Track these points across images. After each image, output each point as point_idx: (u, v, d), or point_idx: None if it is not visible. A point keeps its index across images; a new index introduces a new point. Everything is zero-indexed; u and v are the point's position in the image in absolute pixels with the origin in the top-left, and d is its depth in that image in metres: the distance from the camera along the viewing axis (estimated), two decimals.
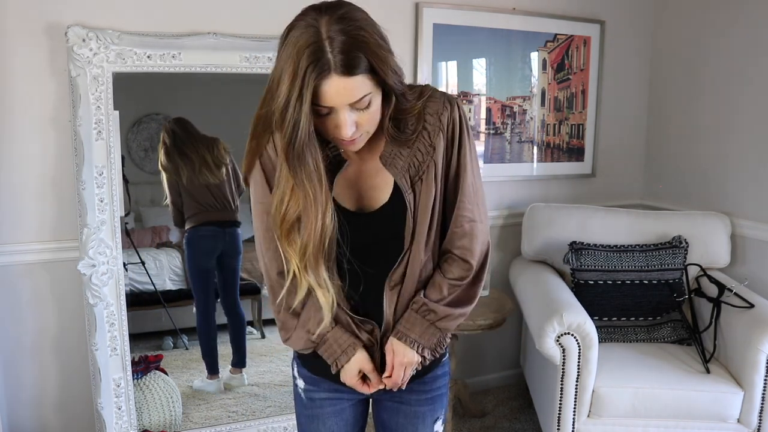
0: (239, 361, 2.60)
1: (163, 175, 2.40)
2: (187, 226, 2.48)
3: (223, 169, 2.47)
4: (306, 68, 0.92)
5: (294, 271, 1.08)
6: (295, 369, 1.29)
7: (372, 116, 1.02)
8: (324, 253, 1.06)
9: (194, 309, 2.54)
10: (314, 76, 0.93)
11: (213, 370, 2.54)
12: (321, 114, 0.99)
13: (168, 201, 2.43)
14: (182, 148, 2.39)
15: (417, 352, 1.16)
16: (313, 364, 1.22)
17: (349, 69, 0.94)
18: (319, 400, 1.25)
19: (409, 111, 1.09)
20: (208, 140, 2.43)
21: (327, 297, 1.09)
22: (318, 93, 0.95)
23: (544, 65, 2.75)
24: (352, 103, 0.97)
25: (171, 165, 2.39)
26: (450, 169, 1.14)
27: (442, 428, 1.29)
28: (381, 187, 1.13)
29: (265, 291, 2.62)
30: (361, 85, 0.96)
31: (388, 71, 0.99)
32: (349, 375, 1.18)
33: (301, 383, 1.27)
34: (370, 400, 1.31)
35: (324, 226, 1.04)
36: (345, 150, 1.10)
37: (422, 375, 1.23)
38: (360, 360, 1.17)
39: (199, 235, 2.49)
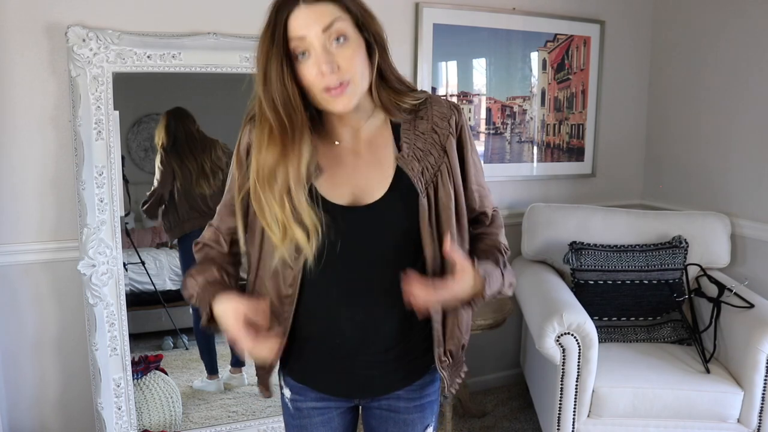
0: (238, 361, 2.59)
1: (157, 169, 2.36)
2: (179, 233, 2.44)
3: (220, 175, 2.44)
4: (276, 11, 0.98)
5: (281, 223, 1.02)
6: (281, 378, 1.25)
7: (351, 57, 0.99)
8: (304, 187, 1.02)
9: (191, 309, 2.54)
10: (284, 13, 0.97)
11: (212, 369, 2.54)
12: (298, 59, 0.99)
13: (154, 186, 2.35)
14: (180, 154, 2.36)
15: (479, 289, 1.03)
16: (299, 372, 1.19)
17: None
18: (306, 409, 1.21)
19: (404, 94, 1.09)
20: (207, 143, 2.41)
21: (305, 238, 1.02)
22: (288, 28, 0.98)
23: (544, 65, 2.75)
24: (323, 29, 0.97)
25: (167, 167, 2.37)
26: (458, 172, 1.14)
27: None
28: (379, 181, 1.08)
29: None
30: (329, 10, 0.98)
31: (360, 10, 1.01)
32: (225, 318, 1.04)
33: (287, 392, 1.23)
34: (360, 408, 1.26)
35: (300, 165, 1.01)
36: (337, 111, 1.03)
37: (412, 381, 1.19)
38: (232, 300, 1.05)
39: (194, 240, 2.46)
